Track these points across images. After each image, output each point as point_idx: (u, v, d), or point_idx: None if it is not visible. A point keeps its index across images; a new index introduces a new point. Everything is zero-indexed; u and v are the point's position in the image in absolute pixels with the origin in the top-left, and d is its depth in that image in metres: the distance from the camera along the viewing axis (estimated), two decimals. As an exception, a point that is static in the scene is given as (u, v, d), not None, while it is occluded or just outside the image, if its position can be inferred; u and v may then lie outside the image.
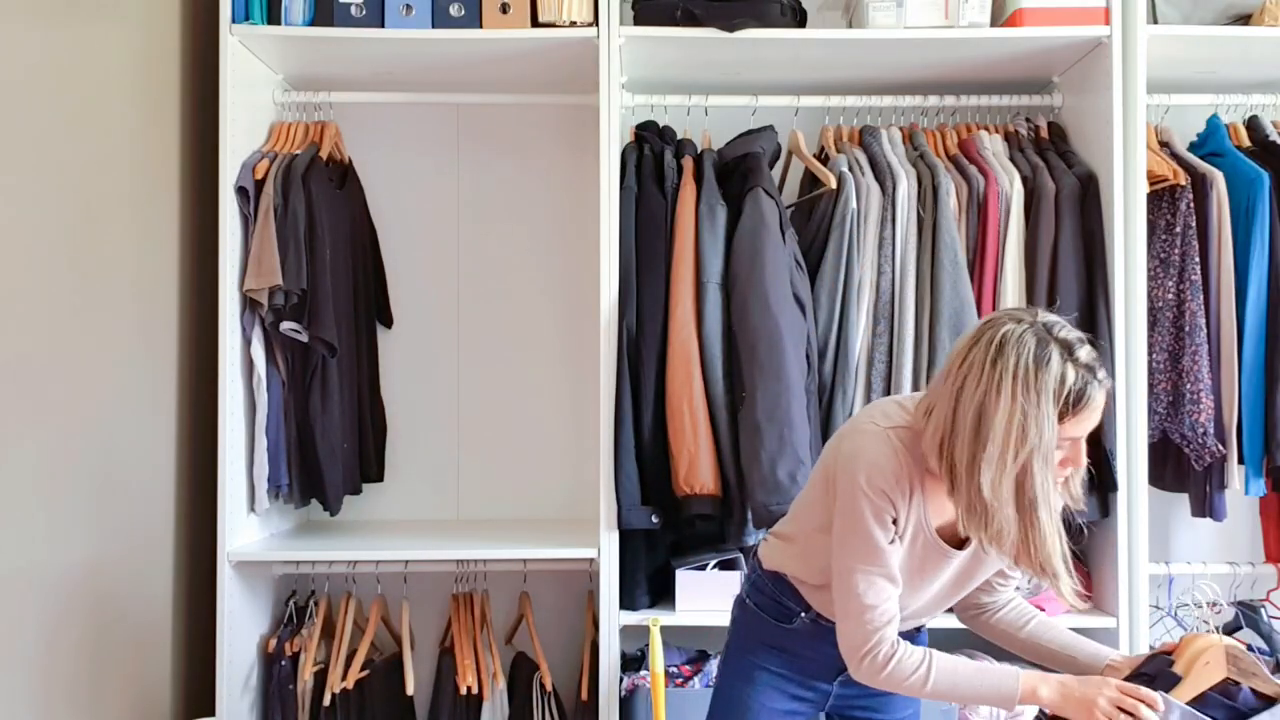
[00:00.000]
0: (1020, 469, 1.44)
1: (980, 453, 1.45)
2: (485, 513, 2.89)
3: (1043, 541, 1.47)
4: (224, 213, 2.40)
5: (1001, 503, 1.45)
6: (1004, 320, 1.49)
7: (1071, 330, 1.49)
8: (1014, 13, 2.39)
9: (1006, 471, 1.44)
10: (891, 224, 2.42)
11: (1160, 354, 2.41)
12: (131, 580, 2.23)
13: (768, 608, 1.76)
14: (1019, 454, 1.43)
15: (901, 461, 1.54)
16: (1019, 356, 1.44)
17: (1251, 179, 2.39)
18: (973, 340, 1.50)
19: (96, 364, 2.09)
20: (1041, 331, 1.46)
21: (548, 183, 2.90)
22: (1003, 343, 1.45)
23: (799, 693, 1.77)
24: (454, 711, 2.51)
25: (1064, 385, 1.43)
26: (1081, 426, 1.47)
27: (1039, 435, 1.43)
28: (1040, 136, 2.59)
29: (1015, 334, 1.45)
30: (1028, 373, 1.43)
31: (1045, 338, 1.45)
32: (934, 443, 1.51)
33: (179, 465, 2.42)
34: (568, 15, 2.38)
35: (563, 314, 2.88)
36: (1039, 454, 1.43)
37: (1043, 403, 1.42)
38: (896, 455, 1.54)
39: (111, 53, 2.16)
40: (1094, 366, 1.46)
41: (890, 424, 1.58)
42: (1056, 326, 1.47)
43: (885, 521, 1.54)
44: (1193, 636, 1.60)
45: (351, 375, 2.60)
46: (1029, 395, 1.42)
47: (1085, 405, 1.45)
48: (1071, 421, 1.45)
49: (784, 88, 2.64)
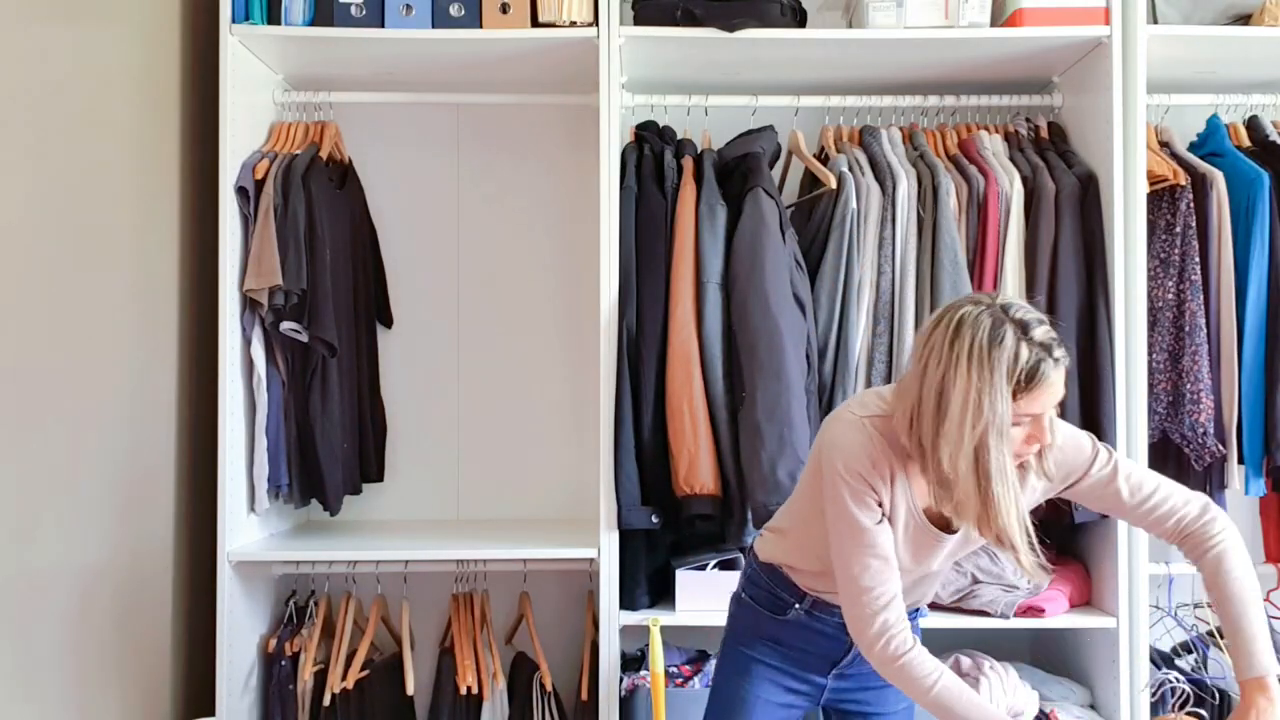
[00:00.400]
0: (977, 443, 1.50)
1: (940, 428, 1.51)
2: (485, 513, 2.89)
3: (998, 513, 1.52)
4: (224, 213, 2.40)
5: (960, 476, 1.51)
6: (964, 303, 1.57)
7: (1030, 311, 1.54)
8: (1014, 13, 2.39)
9: (964, 446, 1.50)
10: (891, 224, 2.42)
11: (1160, 354, 2.41)
12: (132, 580, 2.23)
13: (763, 600, 1.80)
14: (975, 428, 1.49)
15: (877, 447, 1.60)
16: (974, 336, 1.50)
17: (1251, 179, 2.39)
18: (935, 323, 1.58)
19: (96, 364, 2.09)
20: (998, 312, 1.52)
21: (548, 183, 2.90)
22: (960, 323, 1.53)
23: (794, 685, 1.80)
24: (454, 711, 2.51)
25: (1017, 362, 1.49)
26: (1037, 403, 1.52)
27: (993, 411, 1.48)
28: (1040, 136, 2.59)
29: (972, 315, 1.53)
30: (982, 350, 1.49)
31: (1001, 318, 1.51)
32: (904, 423, 1.57)
33: (179, 465, 2.42)
34: (568, 15, 2.38)
35: (563, 314, 2.88)
36: (994, 429, 1.49)
37: (996, 379, 1.48)
38: (871, 441, 1.60)
39: (112, 53, 2.16)
40: (1049, 345, 1.51)
41: (866, 412, 1.64)
42: (1013, 308, 1.53)
43: (868, 504, 1.60)
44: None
45: (351, 375, 2.60)
46: (983, 372, 1.49)
47: (1039, 382, 1.50)
48: (1026, 398, 1.50)
49: (784, 88, 2.64)
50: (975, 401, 1.49)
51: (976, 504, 1.53)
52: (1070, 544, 2.58)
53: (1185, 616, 2.53)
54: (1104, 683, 2.40)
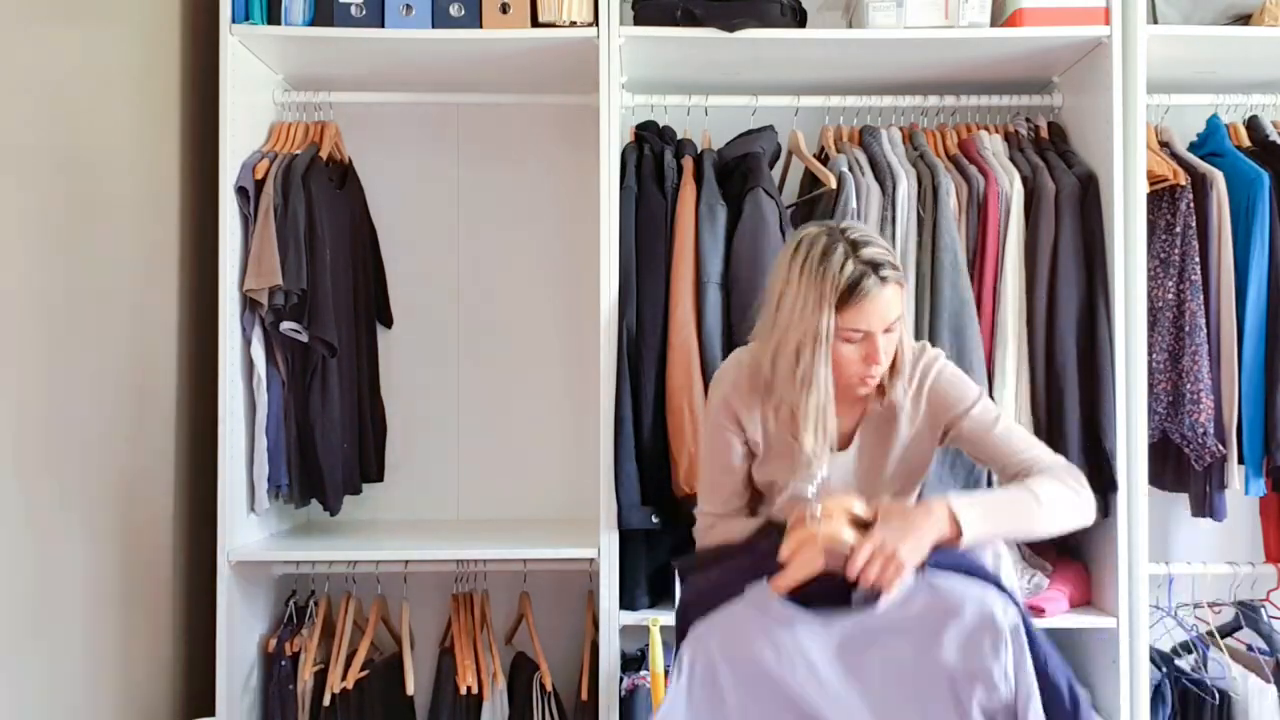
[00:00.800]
0: (796, 347, 1.63)
1: (771, 330, 1.67)
2: (485, 513, 2.89)
3: (804, 416, 1.66)
4: (224, 213, 2.40)
5: (779, 376, 1.68)
6: (811, 225, 1.70)
7: (869, 235, 1.66)
8: (1014, 13, 2.39)
9: (785, 348, 1.65)
10: (891, 224, 2.42)
11: (1160, 354, 2.41)
12: (132, 580, 2.23)
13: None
14: (792, 330, 1.63)
15: (745, 372, 1.77)
16: (809, 250, 1.63)
17: (1251, 179, 2.39)
18: (786, 244, 1.72)
19: (96, 364, 2.09)
20: (836, 233, 1.64)
21: (548, 183, 2.90)
22: (800, 241, 1.67)
23: None
24: (454, 711, 2.51)
25: (842, 274, 1.59)
26: (864, 318, 1.61)
27: (816, 317, 1.60)
28: (1040, 136, 2.59)
29: (811, 233, 1.66)
30: (812, 263, 1.62)
31: (837, 237, 1.64)
32: (756, 335, 1.74)
33: (179, 465, 2.42)
34: (568, 15, 2.38)
35: (563, 314, 2.88)
36: (810, 335, 1.61)
37: (823, 290, 1.60)
38: (742, 366, 1.78)
39: (111, 53, 2.16)
40: (877, 263, 1.61)
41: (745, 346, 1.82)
42: (851, 230, 1.65)
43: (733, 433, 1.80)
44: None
45: (351, 375, 2.60)
46: (811, 282, 1.61)
47: (861, 295, 1.60)
48: (852, 311, 1.61)
49: (784, 88, 2.64)
50: (800, 308, 1.61)
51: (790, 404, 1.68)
52: (1070, 544, 2.58)
53: (1185, 616, 2.53)
54: (1104, 683, 2.40)
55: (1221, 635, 2.48)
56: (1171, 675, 2.44)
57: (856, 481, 1.82)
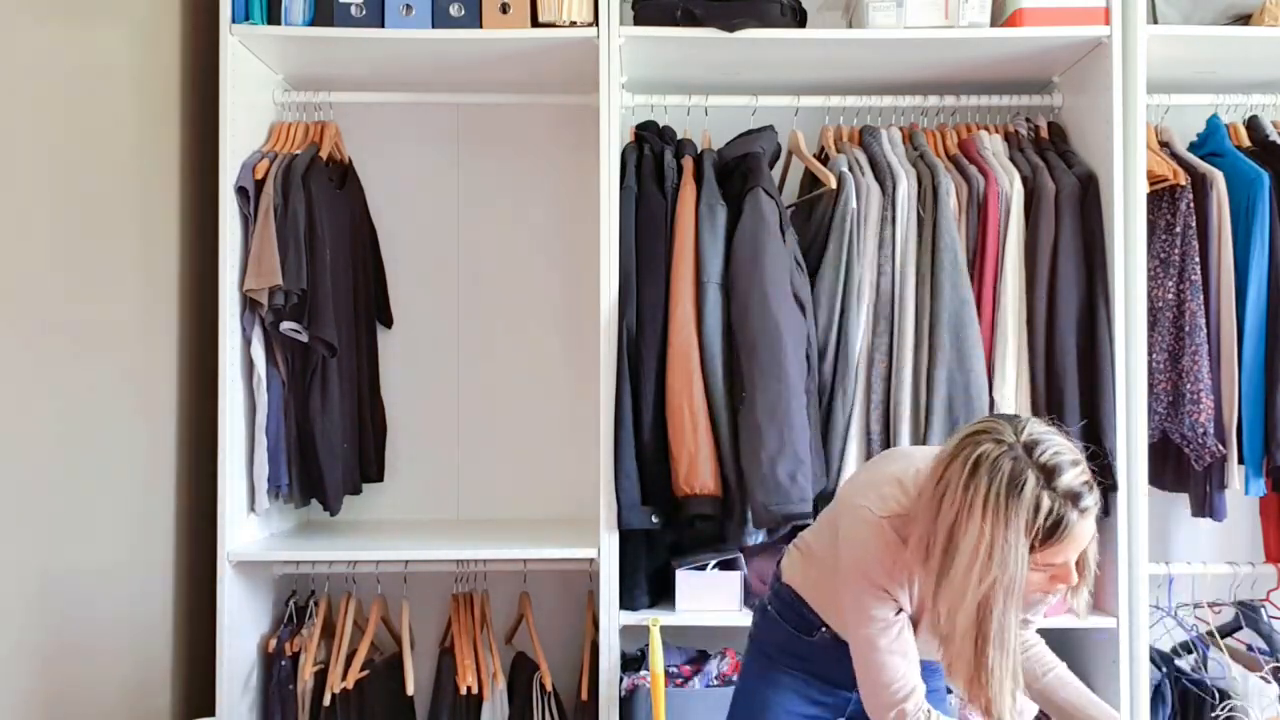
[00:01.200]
0: (981, 600, 1.38)
1: (945, 575, 1.40)
2: (485, 513, 2.89)
3: (990, 681, 1.41)
4: (224, 213, 2.40)
5: (958, 633, 1.41)
6: (984, 439, 1.43)
7: (1058, 451, 1.41)
8: (1014, 13, 2.39)
9: (966, 601, 1.39)
10: (891, 224, 2.42)
11: (1160, 354, 2.41)
12: (131, 580, 2.23)
13: (789, 618, 1.77)
14: (982, 584, 1.38)
15: (894, 552, 1.51)
16: (992, 481, 1.37)
17: (1251, 179, 2.39)
18: (952, 455, 1.44)
19: (96, 363, 2.09)
20: (1020, 453, 1.39)
21: (548, 183, 2.90)
22: (978, 464, 1.39)
23: (820, 697, 1.77)
24: (454, 711, 2.51)
25: (1038, 515, 1.36)
26: (1061, 554, 1.41)
27: (1004, 567, 1.36)
28: (1040, 136, 2.59)
29: (991, 456, 1.39)
30: (999, 499, 1.36)
31: (1023, 461, 1.38)
32: (919, 550, 1.47)
33: (179, 465, 2.42)
34: (568, 15, 2.38)
35: (563, 314, 2.88)
36: (1002, 586, 1.37)
37: (1011, 533, 1.36)
38: (889, 548, 1.51)
39: (111, 52, 2.16)
40: (1076, 493, 1.39)
41: (886, 511, 1.53)
42: (1039, 448, 1.40)
43: (885, 606, 1.53)
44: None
45: (351, 375, 2.60)
46: (999, 523, 1.36)
47: (1063, 535, 1.38)
48: (1048, 550, 1.40)
49: (784, 88, 2.64)
50: (985, 554, 1.36)
51: (970, 667, 1.42)
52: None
53: (1185, 616, 2.53)
54: (1104, 683, 2.40)
55: (1221, 635, 2.48)
56: (1171, 675, 2.44)
57: None
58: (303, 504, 2.56)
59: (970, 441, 1.43)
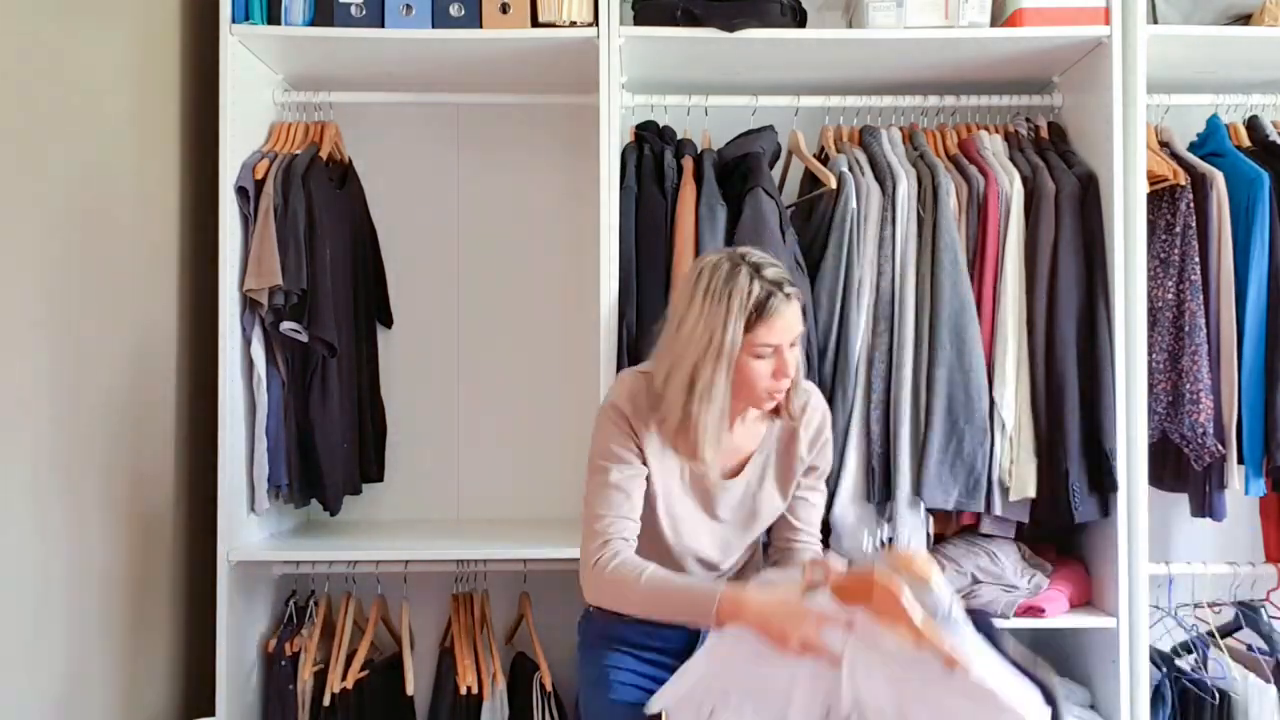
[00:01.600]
0: (696, 360, 1.68)
1: (669, 343, 1.72)
2: (485, 513, 2.89)
3: (696, 428, 1.70)
4: (224, 213, 2.40)
5: (671, 389, 1.71)
6: (709, 253, 1.79)
7: (765, 258, 1.74)
8: (1014, 13, 2.39)
9: (683, 363, 1.69)
10: (891, 224, 2.42)
11: (1160, 354, 2.41)
12: (132, 580, 2.23)
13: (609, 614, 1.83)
14: (696, 346, 1.68)
15: (643, 395, 1.77)
16: (713, 275, 1.70)
17: (1251, 179, 2.39)
18: (687, 273, 1.76)
19: (96, 364, 2.09)
20: (736, 258, 1.71)
21: (548, 183, 2.90)
22: (702, 268, 1.72)
23: (653, 658, 1.85)
24: (454, 711, 2.51)
25: (750, 295, 1.67)
26: (774, 333, 1.69)
27: (722, 335, 1.66)
28: (1040, 136, 2.59)
29: (713, 260, 1.73)
30: (716, 287, 1.68)
31: (738, 262, 1.70)
32: (655, 358, 1.76)
33: (179, 465, 2.42)
34: (568, 15, 2.38)
35: (563, 314, 2.88)
36: (713, 351, 1.67)
37: (729, 311, 1.66)
38: (638, 388, 1.78)
39: (111, 52, 2.16)
40: (779, 281, 1.70)
41: (641, 368, 1.82)
42: (750, 254, 1.73)
43: (622, 442, 1.78)
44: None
45: (351, 375, 2.60)
46: (716, 304, 1.67)
47: (771, 313, 1.68)
48: (762, 328, 1.68)
49: (784, 88, 2.64)
50: (705, 326, 1.67)
51: (679, 414, 1.70)
52: (1070, 544, 2.58)
53: (1185, 616, 2.53)
54: (1104, 683, 2.40)
55: (1221, 635, 2.48)
56: (1171, 675, 2.44)
57: (739, 516, 1.85)
58: (303, 504, 2.56)
59: (697, 260, 1.78)
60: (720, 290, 1.68)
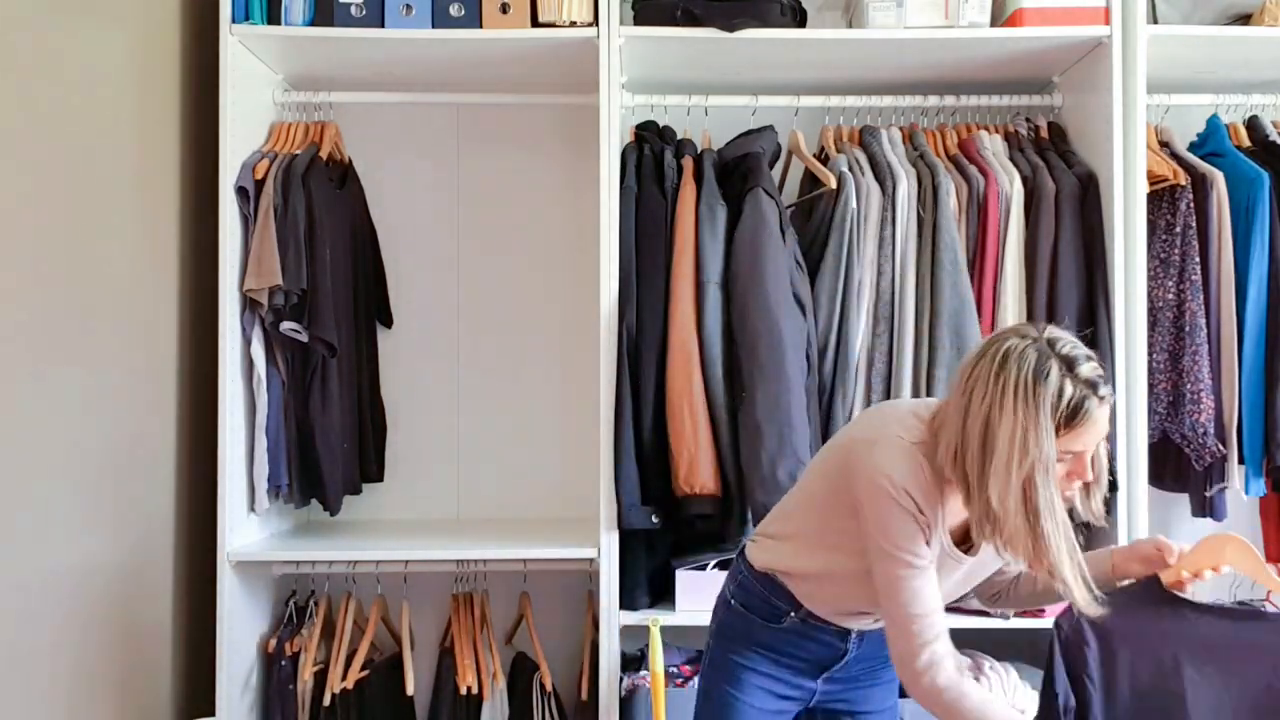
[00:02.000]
0: (1024, 480, 1.48)
1: (988, 465, 1.50)
2: (485, 513, 2.89)
3: (1048, 549, 1.50)
4: (224, 213, 2.40)
5: (1009, 513, 1.50)
6: (1009, 335, 1.55)
7: (1075, 345, 1.53)
8: (1014, 13, 2.39)
9: (1012, 483, 1.49)
10: (891, 224, 2.42)
11: (1160, 354, 2.41)
12: (131, 580, 2.23)
13: (755, 607, 1.77)
14: (1022, 466, 1.48)
15: (927, 477, 1.57)
16: (1020, 371, 1.49)
17: (1251, 179, 2.39)
18: (979, 355, 1.55)
19: (96, 364, 2.09)
20: (1044, 347, 1.51)
21: (548, 183, 2.90)
22: (1005, 357, 1.51)
23: (785, 692, 1.78)
24: (454, 711, 2.51)
25: (1061, 399, 1.48)
26: (1080, 440, 1.51)
27: (1039, 448, 1.47)
28: (1040, 136, 2.59)
29: (1018, 349, 1.51)
30: (1028, 387, 1.48)
31: (1046, 353, 1.50)
32: (948, 456, 1.55)
33: (179, 465, 2.42)
34: (568, 15, 2.38)
35: (563, 314, 2.88)
36: (1040, 466, 1.48)
37: (1041, 416, 1.47)
38: (922, 470, 1.57)
39: (111, 52, 2.16)
40: (1094, 382, 1.50)
41: (913, 438, 1.60)
42: (1059, 342, 1.52)
43: (921, 531, 1.57)
44: None
45: (351, 375, 2.60)
46: (1029, 408, 1.48)
47: (1082, 419, 1.49)
48: (1069, 435, 1.50)
49: (784, 88, 2.64)
50: (1021, 439, 1.47)
51: (1027, 541, 1.51)
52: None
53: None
54: (1104, 683, 2.40)
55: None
56: (1171, 675, 2.43)
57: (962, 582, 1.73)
58: (303, 504, 2.56)
59: (996, 340, 1.55)
60: (1030, 387, 1.48)
